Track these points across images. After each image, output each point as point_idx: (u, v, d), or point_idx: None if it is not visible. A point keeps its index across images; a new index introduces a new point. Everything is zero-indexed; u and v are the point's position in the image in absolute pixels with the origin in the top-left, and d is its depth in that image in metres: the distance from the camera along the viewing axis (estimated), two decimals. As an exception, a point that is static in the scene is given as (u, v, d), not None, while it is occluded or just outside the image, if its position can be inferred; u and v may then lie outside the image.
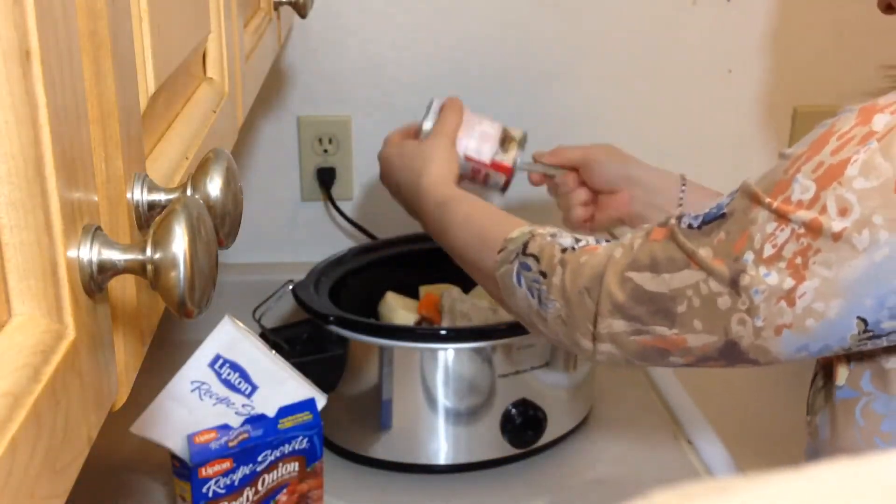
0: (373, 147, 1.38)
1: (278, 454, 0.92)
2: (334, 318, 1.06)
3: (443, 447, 1.07)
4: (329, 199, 1.39)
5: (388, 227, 1.38)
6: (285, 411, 0.94)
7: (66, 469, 0.28)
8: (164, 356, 0.97)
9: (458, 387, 1.05)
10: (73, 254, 0.29)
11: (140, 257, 0.31)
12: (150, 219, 0.37)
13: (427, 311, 1.18)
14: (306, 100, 1.36)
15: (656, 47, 1.38)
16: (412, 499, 1.06)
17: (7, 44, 0.25)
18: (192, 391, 0.92)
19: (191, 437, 0.89)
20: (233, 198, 0.40)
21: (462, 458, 1.08)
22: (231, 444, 0.89)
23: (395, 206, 1.40)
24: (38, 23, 0.26)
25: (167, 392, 0.91)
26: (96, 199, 0.32)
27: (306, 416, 0.94)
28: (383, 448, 1.08)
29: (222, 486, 0.89)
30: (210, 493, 0.88)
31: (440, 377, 1.05)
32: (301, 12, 0.95)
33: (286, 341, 1.08)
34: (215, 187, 0.38)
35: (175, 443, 0.90)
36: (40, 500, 0.26)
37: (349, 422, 1.09)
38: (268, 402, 0.94)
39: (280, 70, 1.34)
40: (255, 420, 0.92)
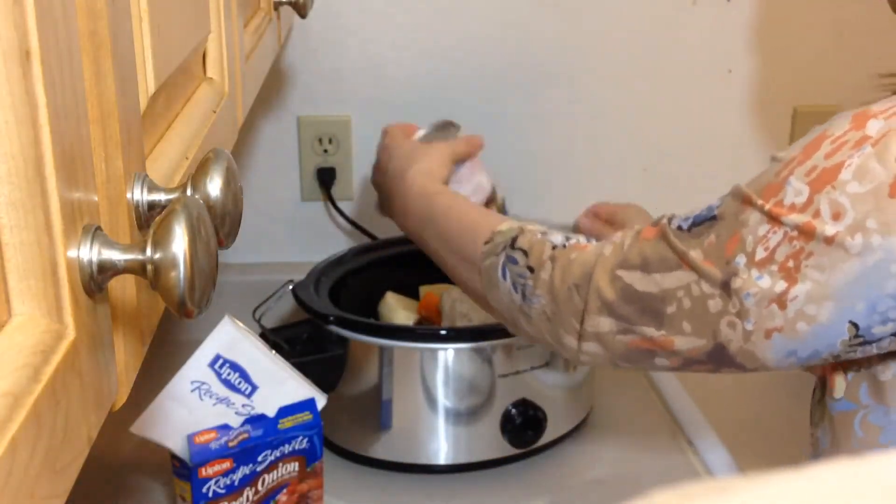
0: (373, 147, 1.39)
1: (278, 454, 0.92)
2: (334, 318, 1.06)
3: (443, 447, 1.07)
4: (329, 199, 1.39)
5: (388, 227, 1.38)
6: (285, 411, 0.94)
7: (66, 469, 0.28)
8: (164, 356, 0.97)
9: (458, 387, 1.05)
10: (73, 254, 0.29)
11: (140, 257, 0.31)
12: (150, 219, 0.37)
13: (427, 312, 1.18)
14: (306, 100, 1.36)
15: (656, 47, 1.38)
16: (412, 499, 1.06)
17: (7, 44, 0.25)
18: (192, 391, 0.92)
19: (191, 437, 0.89)
20: (233, 198, 0.40)
21: (462, 458, 1.08)
22: (231, 444, 0.89)
23: (395, 206, 1.41)
24: (38, 23, 0.26)
25: (167, 392, 0.91)
26: (96, 199, 0.32)
27: (306, 416, 0.94)
28: (383, 448, 1.08)
29: (222, 486, 0.89)
30: (210, 493, 0.88)
31: (440, 377, 1.05)
32: (301, 12, 0.95)
33: (286, 341, 1.08)
34: (215, 187, 0.38)
35: (175, 443, 0.90)
36: (40, 500, 0.26)
37: (349, 422, 1.09)
38: (268, 402, 0.94)
39: (280, 70, 1.34)
40: (255, 420, 0.92)
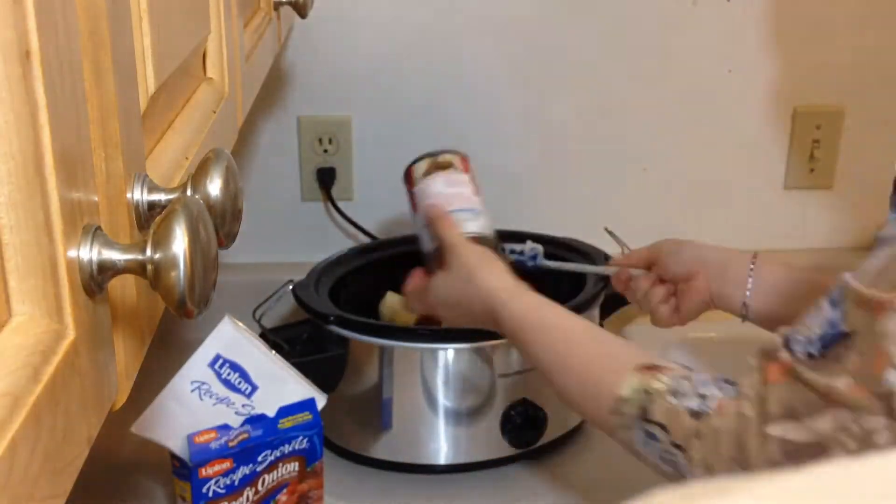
0: (373, 147, 1.39)
1: (278, 454, 0.92)
2: (334, 318, 1.06)
3: (443, 447, 1.07)
4: (329, 199, 1.39)
5: (388, 227, 1.38)
6: (285, 411, 0.94)
7: (66, 469, 0.28)
8: (164, 356, 0.97)
9: (458, 387, 1.05)
10: (73, 254, 0.29)
11: (140, 257, 0.31)
12: (150, 219, 0.37)
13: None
14: (306, 100, 1.36)
15: (656, 47, 1.38)
16: (412, 499, 1.06)
17: (7, 44, 0.25)
18: (193, 391, 0.92)
19: (191, 437, 0.89)
20: (233, 198, 0.40)
21: (462, 458, 1.08)
22: (231, 444, 0.89)
23: (395, 206, 1.41)
24: (38, 23, 0.26)
25: (167, 392, 0.91)
26: (96, 199, 0.32)
27: (306, 416, 0.94)
28: (383, 448, 1.08)
29: (222, 486, 0.89)
30: (210, 493, 0.88)
31: (440, 377, 1.05)
32: (301, 12, 0.95)
33: (286, 341, 1.08)
34: (215, 187, 0.38)
35: (175, 443, 0.90)
36: (40, 500, 0.26)
37: (349, 422, 1.09)
38: (268, 402, 0.94)
39: (280, 70, 1.34)
40: (255, 420, 0.92)
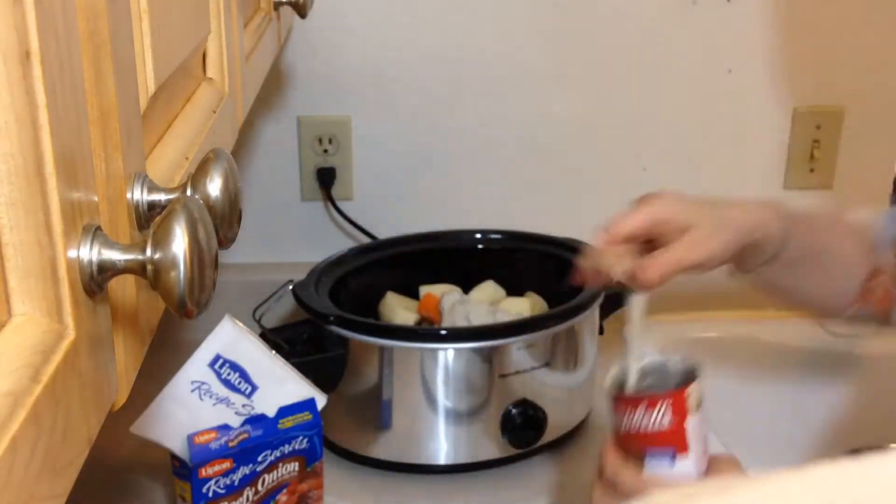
0: (373, 147, 1.39)
1: (278, 454, 0.92)
2: (334, 318, 1.06)
3: (443, 447, 1.07)
4: (329, 199, 1.39)
5: (388, 227, 1.38)
6: (285, 411, 0.94)
7: (66, 469, 0.28)
8: (164, 356, 0.97)
9: (458, 387, 1.05)
10: (73, 254, 0.29)
11: (140, 257, 0.31)
12: (150, 219, 0.37)
13: (427, 312, 1.18)
14: (306, 100, 1.36)
15: (656, 47, 1.38)
16: (412, 499, 1.06)
17: (7, 44, 0.25)
18: (192, 391, 0.92)
19: (191, 437, 0.89)
20: (233, 198, 0.40)
21: (462, 458, 1.08)
22: (231, 444, 0.89)
23: (395, 206, 1.41)
24: (38, 23, 0.26)
25: (167, 392, 0.91)
26: (96, 199, 0.32)
27: (306, 416, 0.94)
28: (383, 448, 1.08)
29: (222, 486, 0.89)
30: (210, 493, 0.88)
31: (440, 377, 1.05)
32: (301, 12, 0.95)
33: (286, 341, 1.08)
34: (215, 187, 0.38)
35: (175, 443, 0.90)
36: (40, 500, 0.26)
37: (349, 422, 1.09)
38: (268, 402, 0.94)
39: (280, 70, 1.34)
40: (255, 420, 0.92)
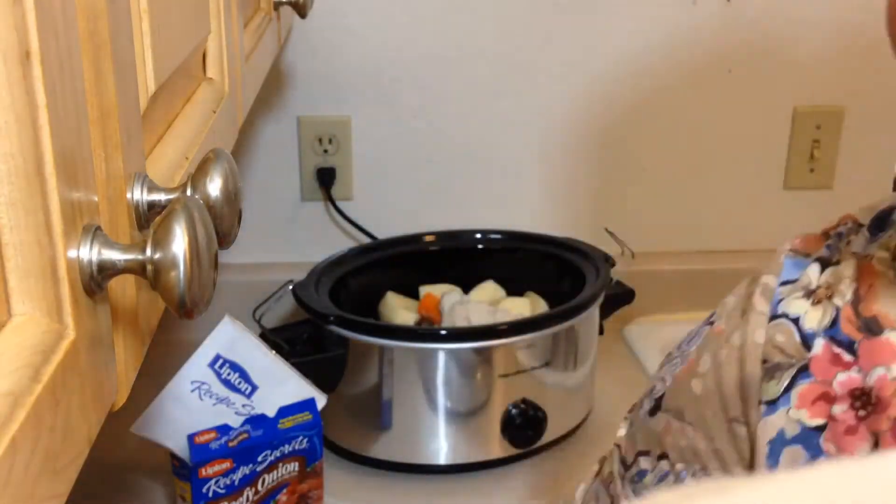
0: (373, 147, 1.39)
1: (278, 454, 0.92)
2: (334, 318, 1.06)
3: (443, 447, 1.07)
4: (329, 199, 1.39)
5: (388, 227, 1.38)
6: (285, 411, 0.94)
7: (66, 469, 0.28)
8: (164, 356, 0.97)
9: (458, 387, 1.05)
10: (73, 254, 0.29)
11: (140, 257, 0.31)
12: (150, 219, 0.37)
13: (427, 312, 1.18)
14: (306, 100, 1.36)
15: (656, 47, 1.38)
16: (412, 499, 1.06)
17: (7, 44, 0.25)
18: (192, 391, 0.92)
19: (191, 437, 0.89)
20: (233, 198, 0.40)
21: (462, 458, 1.08)
22: (231, 444, 0.89)
23: (394, 206, 1.41)
24: (38, 23, 0.26)
25: (167, 392, 0.91)
26: (96, 199, 0.32)
27: (306, 416, 0.94)
28: (383, 448, 1.08)
29: (222, 486, 0.89)
30: (210, 493, 0.88)
31: (440, 377, 1.05)
32: (301, 12, 0.95)
33: (286, 341, 1.08)
34: (215, 187, 0.38)
35: (175, 443, 0.90)
36: (40, 500, 0.26)
37: (349, 422, 1.09)
38: (268, 402, 0.94)
39: (280, 70, 1.34)
40: (255, 420, 0.92)
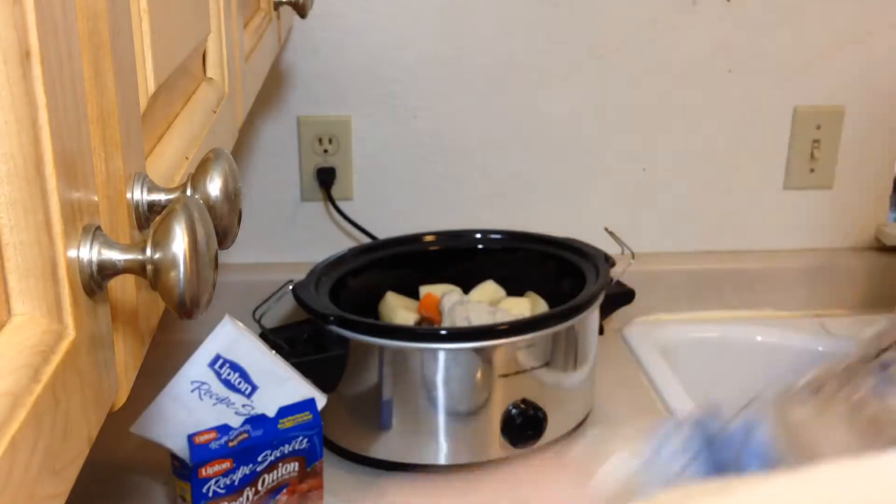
0: (373, 147, 1.39)
1: (278, 454, 0.92)
2: (334, 318, 1.06)
3: (443, 447, 1.07)
4: (329, 199, 1.39)
5: (388, 227, 1.38)
6: (285, 411, 0.94)
7: (66, 469, 0.28)
8: (164, 356, 0.97)
9: (458, 387, 1.05)
10: (72, 254, 0.29)
11: (140, 257, 0.31)
12: (150, 219, 0.37)
13: (427, 312, 1.18)
14: (306, 100, 1.36)
15: (656, 47, 1.38)
16: (412, 499, 1.06)
17: (7, 44, 0.25)
18: (192, 391, 0.92)
19: (191, 437, 0.89)
20: (233, 198, 0.40)
21: (462, 458, 1.08)
22: (231, 444, 0.89)
23: (394, 206, 1.41)
24: (38, 23, 0.26)
25: (167, 392, 0.91)
26: (96, 199, 0.32)
27: (306, 416, 0.94)
28: (383, 448, 1.08)
29: (222, 486, 0.89)
30: (210, 493, 0.88)
31: (440, 377, 1.05)
32: (301, 12, 0.95)
33: (286, 341, 1.08)
34: (215, 187, 0.38)
35: (175, 443, 0.90)
36: (40, 500, 0.26)
37: (349, 422, 1.09)
38: (268, 402, 0.94)
39: (280, 70, 1.34)
40: (255, 420, 0.92)
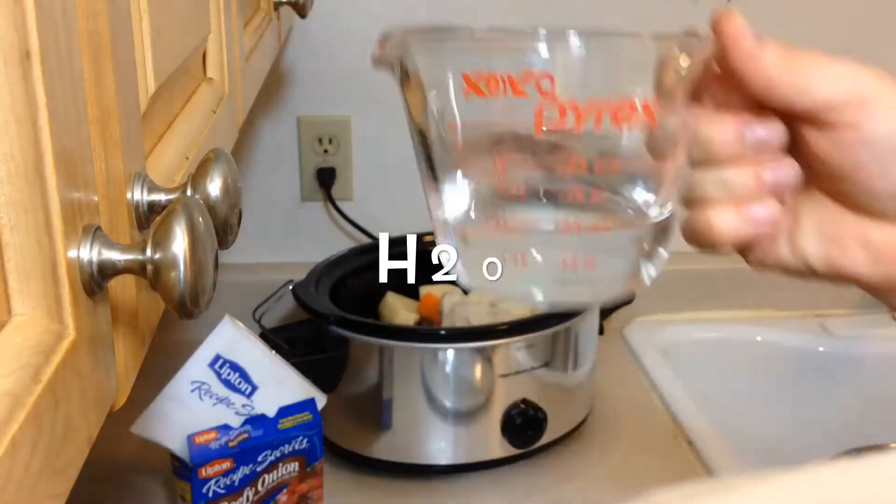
0: (373, 147, 1.39)
1: (278, 454, 0.92)
2: (334, 318, 1.06)
3: (443, 447, 1.07)
4: (329, 199, 1.39)
5: (388, 227, 1.38)
6: (285, 411, 0.94)
7: (66, 469, 0.28)
8: (164, 356, 0.97)
9: (458, 387, 1.05)
10: (73, 254, 0.29)
11: (140, 257, 0.31)
12: (150, 219, 0.37)
13: (427, 312, 1.18)
14: (306, 100, 1.36)
15: (656, 47, 1.38)
16: (412, 499, 1.06)
17: (7, 44, 0.25)
18: (192, 391, 0.92)
19: (191, 438, 0.89)
20: (233, 198, 0.40)
21: (462, 458, 1.08)
22: (231, 444, 0.89)
23: (394, 206, 1.41)
24: (38, 23, 0.26)
25: (167, 392, 0.91)
26: (96, 199, 0.32)
27: (306, 416, 0.94)
28: (383, 448, 1.08)
29: (222, 486, 0.89)
30: (210, 494, 0.88)
31: (440, 377, 1.05)
32: (301, 12, 0.95)
33: (286, 341, 1.08)
34: (215, 187, 0.38)
35: (175, 443, 0.90)
36: (40, 500, 0.26)
37: (349, 422, 1.09)
38: (268, 402, 0.94)
39: (280, 70, 1.34)
40: (255, 420, 0.92)
